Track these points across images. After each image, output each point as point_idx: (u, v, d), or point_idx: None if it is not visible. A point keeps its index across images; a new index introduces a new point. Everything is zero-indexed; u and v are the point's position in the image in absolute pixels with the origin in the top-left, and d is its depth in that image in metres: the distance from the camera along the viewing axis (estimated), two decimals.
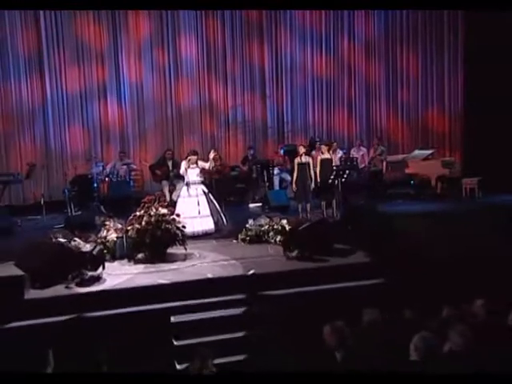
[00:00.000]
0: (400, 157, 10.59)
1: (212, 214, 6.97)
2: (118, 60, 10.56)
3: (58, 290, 4.67)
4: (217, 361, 3.81)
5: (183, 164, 7.10)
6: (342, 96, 11.63)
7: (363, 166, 10.45)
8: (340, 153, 10.35)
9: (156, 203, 6.02)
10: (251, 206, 9.47)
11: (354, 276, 5.05)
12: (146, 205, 5.95)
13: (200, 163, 7.10)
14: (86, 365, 3.30)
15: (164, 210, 5.92)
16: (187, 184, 7.03)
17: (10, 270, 4.87)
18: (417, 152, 10.52)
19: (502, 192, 9.43)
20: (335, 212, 7.97)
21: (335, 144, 10.50)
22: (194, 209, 6.88)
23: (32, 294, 4.58)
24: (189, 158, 7.07)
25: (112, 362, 3.42)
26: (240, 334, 4.26)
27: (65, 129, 10.49)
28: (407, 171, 10.14)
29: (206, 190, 7.18)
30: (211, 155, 7.20)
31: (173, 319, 4.35)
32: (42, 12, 9.99)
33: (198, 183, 7.11)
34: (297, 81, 11.52)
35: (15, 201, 9.66)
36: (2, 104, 9.97)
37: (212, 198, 7.27)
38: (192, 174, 7.02)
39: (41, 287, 4.69)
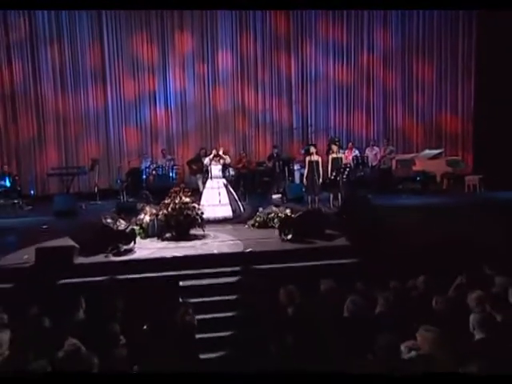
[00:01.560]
0: (409, 156, 10.64)
1: (230, 203, 7.57)
2: (166, 72, 11.33)
3: (99, 258, 5.49)
4: (211, 315, 4.65)
5: (206, 159, 7.81)
6: (360, 101, 11.88)
7: (375, 163, 10.66)
8: (356, 152, 10.67)
9: (181, 193, 6.67)
10: (274, 196, 9.74)
11: (334, 256, 5.51)
12: (173, 194, 6.61)
13: (221, 161, 7.77)
14: (110, 312, 4.09)
15: (187, 199, 6.55)
16: (211, 178, 7.69)
17: (66, 241, 5.76)
18: (427, 151, 10.64)
19: (506, 189, 9.31)
20: (339, 203, 8.36)
21: (350, 144, 10.87)
22: (215, 198, 7.51)
23: (79, 260, 5.43)
24: (211, 155, 7.76)
25: (131, 312, 4.20)
26: (232, 297, 4.88)
27: (122, 130, 11.36)
28: (414, 169, 10.25)
29: (226, 183, 7.77)
30: (220, 151, 7.76)
31: (181, 283, 5.05)
32: (105, 33, 10.87)
33: (220, 177, 7.73)
34: (320, 88, 11.85)
35: (82, 189, 10.58)
36: (73, 110, 10.96)
37: (231, 189, 7.85)
38: (215, 169, 7.67)
39: (86, 255, 5.52)
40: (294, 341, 3.50)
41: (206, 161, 7.74)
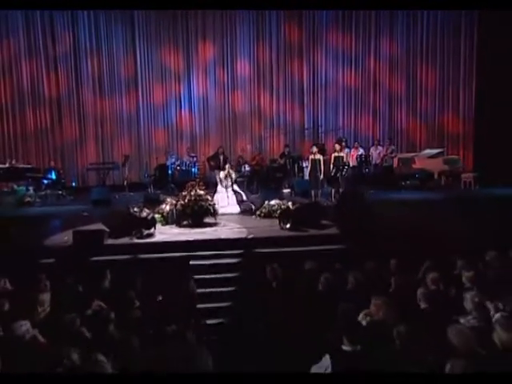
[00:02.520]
0: (410, 154, 10.69)
1: (238, 203, 8.07)
2: (190, 78, 11.65)
3: (124, 240, 6.12)
4: (214, 289, 5.21)
5: (221, 174, 8.39)
6: (367, 104, 11.94)
7: (379, 161, 10.84)
8: (361, 150, 10.90)
9: (196, 186, 7.19)
10: (284, 191, 10.04)
11: (323, 242, 5.98)
12: (189, 187, 7.14)
13: (231, 172, 8.37)
14: (129, 283, 4.59)
15: (201, 192, 7.10)
16: (222, 186, 8.27)
17: (99, 226, 6.44)
18: (428, 151, 10.69)
19: (500, 186, 9.38)
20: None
21: (356, 143, 11.10)
22: (224, 200, 8.03)
23: (109, 241, 6.07)
24: (223, 174, 8.35)
25: (147, 283, 4.68)
26: (234, 275, 5.43)
27: (151, 130, 11.76)
28: (414, 166, 10.30)
29: (234, 187, 8.30)
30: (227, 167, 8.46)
31: (191, 262, 5.59)
32: (138, 45, 11.29)
33: (229, 186, 8.24)
34: (330, 92, 11.97)
35: (115, 181, 10.94)
36: (110, 112, 11.46)
37: (241, 191, 8.36)
38: (225, 182, 8.25)
39: (114, 238, 6.16)
40: (276, 308, 4.03)
41: (221, 175, 8.28)
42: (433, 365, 2.67)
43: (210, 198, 7.18)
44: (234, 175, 8.43)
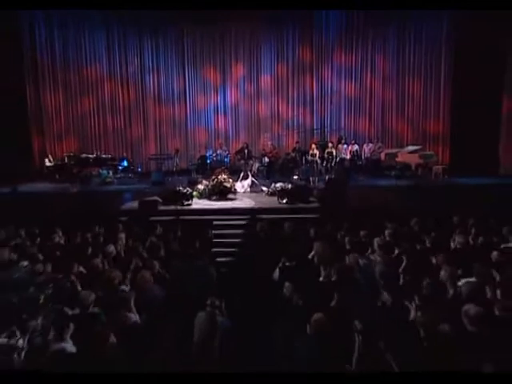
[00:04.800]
0: (394, 150, 11.12)
1: (252, 191, 9.09)
2: (225, 90, 12.40)
3: (171, 207, 7.61)
4: (228, 240, 6.62)
5: (238, 184, 9.06)
6: (364, 109, 12.29)
7: (369, 155, 11.36)
8: (356, 147, 11.49)
9: (222, 173, 8.61)
10: (294, 177, 10.34)
11: (308, 212, 7.25)
12: (217, 173, 8.55)
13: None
14: (173, 234, 6.03)
15: (225, 176, 8.46)
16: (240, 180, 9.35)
17: (155, 198, 7.93)
18: (409, 147, 10.99)
19: (466, 176, 9.85)
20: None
21: (353, 141, 11.61)
22: (242, 188, 9.12)
23: (161, 207, 7.59)
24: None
25: (184, 233, 6.11)
26: (242, 232, 6.78)
27: (195, 129, 12.61)
28: (397, 160, 10.67)
29: (251, 179, 9.33)
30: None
31: (214, 222, 6.99)
32: (186, 65, 12.23)
33: (246, 175, 9.39)
34: (334, 100, 12.37)
35: (169, 168, 11.57)
36: (165, 117, 12.46)
37: (256, 181, 9.39)
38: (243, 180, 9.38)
39: (165, 205, 7.70)
40: (261, 247, 5.45)
41: (238, 185, 8.99)
42: None
43: (231, 181, 8.50)
44: (255, 166, 9.51)
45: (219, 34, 12.26)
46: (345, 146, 11.59)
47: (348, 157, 11.38)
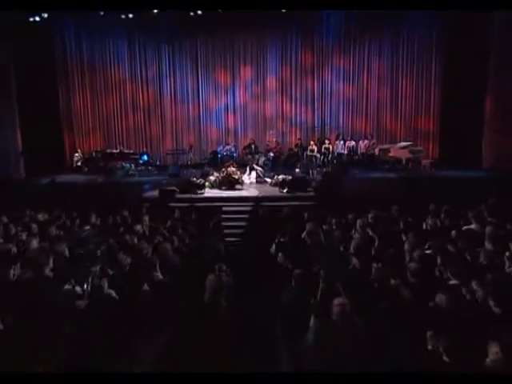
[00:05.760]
0: (387, 146, 11.54)
1: (257, 182, 9.76)
2: (234, 91, 12.84)
3: (186, 195, 8.32)
4: (234, 223, 7.35)
5: (245, 176, 9.65)
6: (361, 108, 12.63)
7: (364, 150, 11.88)
8: (352, 143, 12.01)
9: (231, 166, 9.32)
10: (296, 170, 10.96)
11: (305, 199, 7.87)
12: (226, 166, 9.27)
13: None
14: (187, 218, 6.86)
15: (233, 169, 9.14)
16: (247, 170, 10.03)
17: (173, 188, 8.62)
18: (401, 143, 11.38)
19: (452, 169, 10.24)
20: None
21: (349, 138, 12.10)
22: (249, 180, 9.72)
23: (178, 196, 8.31)
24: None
25: (198, 217, 6.88)
26: (247, 216, 7.53)
27: (208, 127, 13.04)
28: (390, 155, 11.10)
29: (256, 173, 9.87)
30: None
31: (223, 208, 7.68)
32: (199, 68, 12.68)
33: (253, 168, 9.98)
34: (333, 100, 12.69)
35: (184, 162, 12.20)
36: (181, 116, 13.00)
37: (260, 173, 9.98)
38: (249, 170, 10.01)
39: (181, 194, 8.38)
40: (262, 227, 6.13)
41: (245, 177, 9.55)
42: None
43: (239, 173, 9.17)
44: (261, 160, 10.16)
45: (229, 40, 12.74)
46: (342, 142, 12.09)
47: (345, 152, 11.90)
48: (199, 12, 11.19)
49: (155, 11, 11.01)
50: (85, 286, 3.18)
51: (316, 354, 2.38)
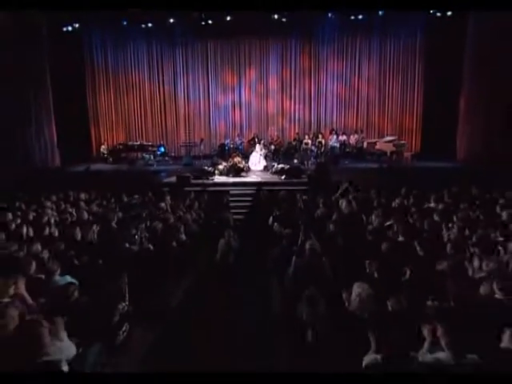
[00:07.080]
0: (374, 140, 12.25)
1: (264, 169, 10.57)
2: (240, 90, 13.40)
3: (199, 181, 9.12)
4: (240, 204, 8.30)
5: (257, 147, 10.64)
6: (352, 106, 13.28)
7: (354, 144, 12.63)
8: (344, 137, 12.78)
9: (237, 156, 10.24)
10: (294, 161, 11.49)
11: (300, 184, 8.64)
12: (233, 157, 10.13)
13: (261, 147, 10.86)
14: (199, 200, 7.79)
15: (239, 159, 10.00)
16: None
17: (188, 174, 9.52)
18: (387, 138, 12.12)
19: (431, 160, 10.84)
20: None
21: (341, 132, 12.75)
22: (254, 166, 10.61)
23: (192, 181, 9.17)
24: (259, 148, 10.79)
25: (209, 199, 7.81)
26: (250, 198, 8.37)
27: (216, 122, 13.62)
28: (376, 148, 11.84)
29: (261, 159, 10.63)
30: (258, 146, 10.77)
31: (231, 192, 8.54)
32: (209, 68, 13.25)
33: (258, 156, 10.75)
34: (328, 99, 13.29)
35: (196, 153, 12.51)
36: (193, 112, 13.62)
37: (265, 161, 10.71)
38: (254, 155, 10.83)
39: (194, 180, 9.21)
40: (262, 206, 7.07)
41: (257, 148, 10.49)
42: None
43: (244, 163, 10.04)
44: (263, 151, 10.93)
45: (236, 45, 13.37)
46: (335, 136, 12.84)
47: (338, 145, 12.68)
48: (210, 21, 11.96)
49: (171, 21, 11.80)
50: (136, 237, 4.22)
51: (295, 279, 3.40)
